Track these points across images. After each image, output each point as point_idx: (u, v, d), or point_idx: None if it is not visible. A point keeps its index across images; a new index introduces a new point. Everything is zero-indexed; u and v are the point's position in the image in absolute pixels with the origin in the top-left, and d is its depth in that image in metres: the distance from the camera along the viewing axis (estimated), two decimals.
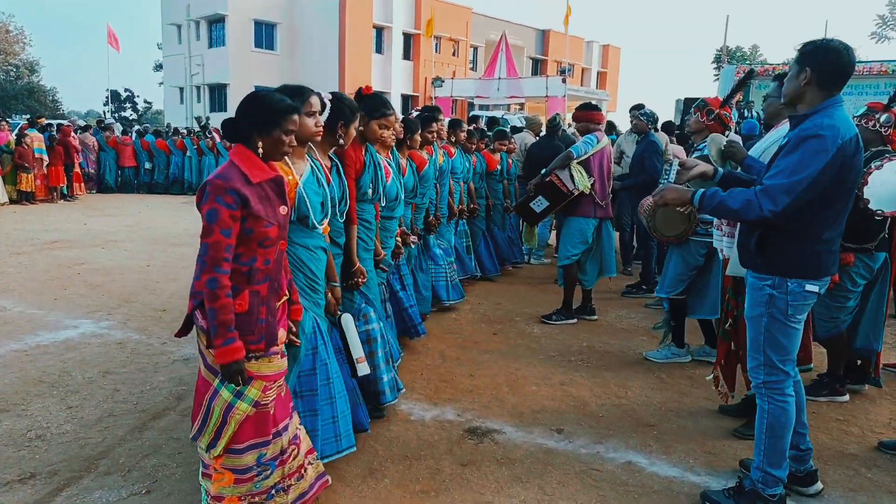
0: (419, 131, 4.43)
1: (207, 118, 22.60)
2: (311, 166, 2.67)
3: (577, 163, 5.26)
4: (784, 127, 3.13)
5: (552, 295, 6.40)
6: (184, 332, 2.31)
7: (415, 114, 5.02)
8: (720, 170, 2.94)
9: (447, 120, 6.03)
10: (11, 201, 12.63)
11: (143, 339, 4.79)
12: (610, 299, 6.35)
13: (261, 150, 2.22)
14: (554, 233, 9.02)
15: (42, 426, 3.35)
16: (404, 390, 3.67)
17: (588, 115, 5.49)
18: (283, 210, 2.27)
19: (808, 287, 2.50)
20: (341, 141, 2.88)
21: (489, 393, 3.94)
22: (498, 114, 20.99)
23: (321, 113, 2.64)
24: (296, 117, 2.27)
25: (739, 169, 3.35)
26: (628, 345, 4.96)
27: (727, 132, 4.10)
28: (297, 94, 2.50)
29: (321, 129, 2.63)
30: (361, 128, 3.23)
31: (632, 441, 3.34)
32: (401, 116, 4.29)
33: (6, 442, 3.16)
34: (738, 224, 2.97)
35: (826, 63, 2.43)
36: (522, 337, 5.12)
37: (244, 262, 2.17)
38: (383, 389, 3.38)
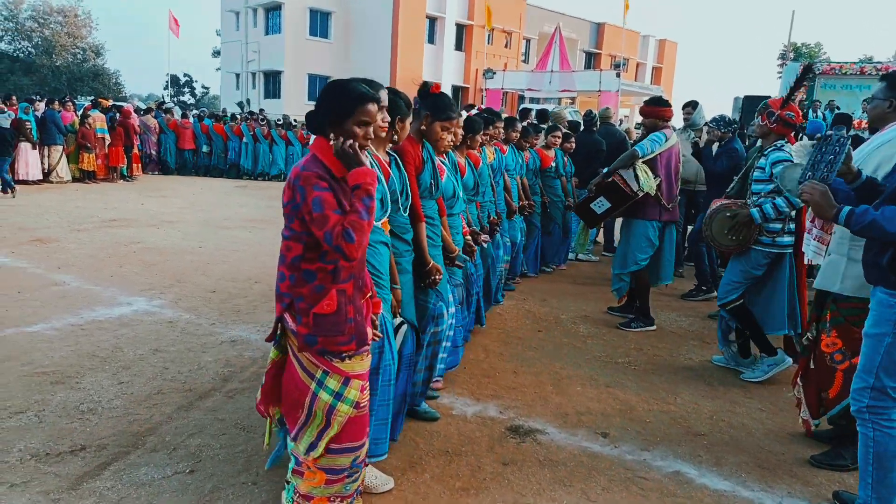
0: (481, 132, 4.36)
1: (248, 101, 22.92)
2: (370, 162, 2.58)
3: (644, 162, 4.99)
4: (891, 131, 2.86)
5: (599, 294, 6.28)
6: (273, 335, 2.25)
7: (473, 112, 4.94)
8: (864, 174, 2.66)
9: (504, 118, 6.00)
10: (74, 179, 13.13)
11: (193, 319, 4.89)
12: (661, 302, 6.17)
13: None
14: (602, 231, 8.84)
15: (94, 400, 3.44)
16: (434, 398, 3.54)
17: (656, 110, 5.11)
18: None
19: None
20: (395, 137, 2.79)
21: (532, 391, 3.87)
22: (549, 107, 20.70)
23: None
24: (371, 107, 2.13)
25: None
26: (678, 349, 4.80)
27: (801, 133, 3.89)
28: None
29: (385, 125, 2.53)
30: (423, 126, 3.15)
31: (680, 450, 3.22)
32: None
33: (60, 413, 3.26)
34: (848, 236, 2.75)
35: None
36: (568, 335, 5.01)
37: (329, 261, 2.12)
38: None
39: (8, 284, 5.51)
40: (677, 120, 6.45)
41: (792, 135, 4.10)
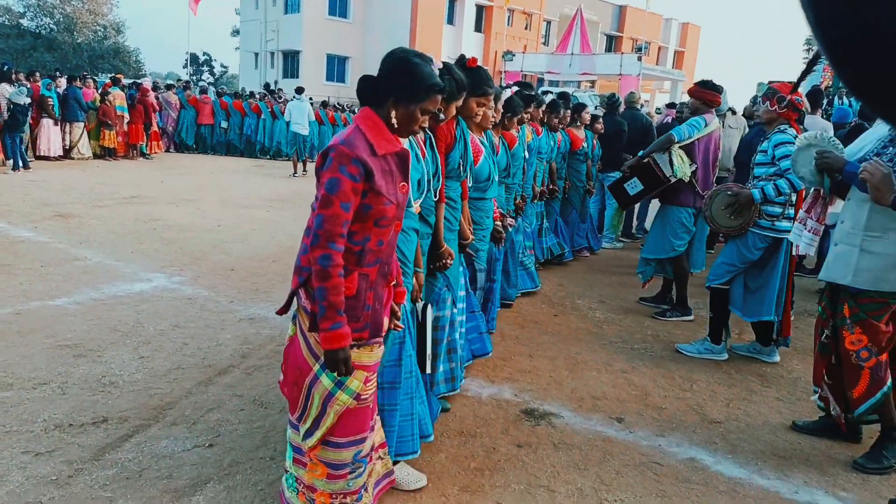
0: (520, 114, 4.28)
1: (275, 83, 23.01)
2: (409, 140, 2.47)
3: (681, 147, 4.89)
4: None
5: (615, 279, 6.25)
6: (286, 308, 2.16)
7: (513, 89, 4.82)
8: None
9: (549, 101, 5.87)
10: (95, 156, 13.25)
11: (212, 297, 4.94)
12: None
13: (394, 120, 2.01)
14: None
15: (115, 373, 3.50)
16: (458, 390, 3.38)
17: (703, 93, 4.90)
18: (403, 188, 2.07)
19: None
20: (441, 116, 2.66)
21: (548, 375, 3.87)
22: (568, 90, 20.51)
23: None
24: (440, 99, 2.05)
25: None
26: (695, 337, 4.76)
27: (804, 117, 3.84)
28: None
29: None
30: (459, 102, 3.00)
31: (696, 437, 3.21)
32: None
33: (82, 386, 3.32)
34: (862, 226, 2.72)
35: None
36: (583, 320, 5.00)
37: (357, 242, 1.97)
38: (437, 381, 3.21)
39: (32, 258, 5.60)
40: None
41: (795, 120, 4.05)
